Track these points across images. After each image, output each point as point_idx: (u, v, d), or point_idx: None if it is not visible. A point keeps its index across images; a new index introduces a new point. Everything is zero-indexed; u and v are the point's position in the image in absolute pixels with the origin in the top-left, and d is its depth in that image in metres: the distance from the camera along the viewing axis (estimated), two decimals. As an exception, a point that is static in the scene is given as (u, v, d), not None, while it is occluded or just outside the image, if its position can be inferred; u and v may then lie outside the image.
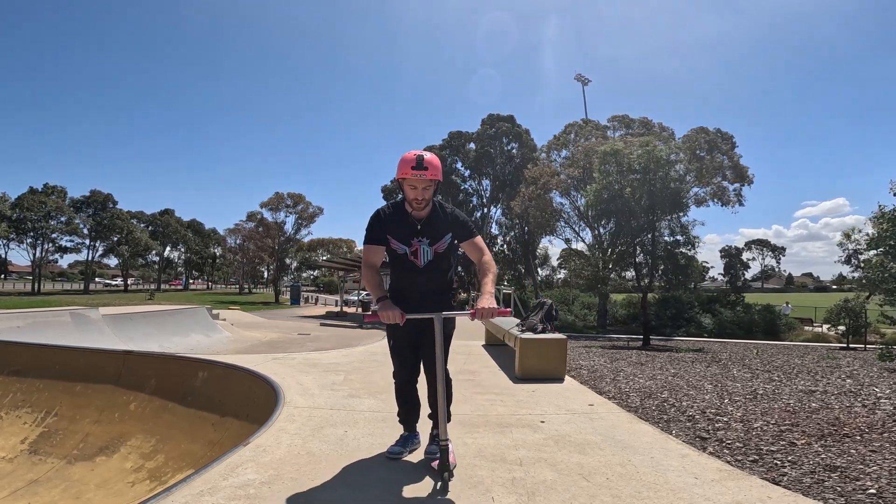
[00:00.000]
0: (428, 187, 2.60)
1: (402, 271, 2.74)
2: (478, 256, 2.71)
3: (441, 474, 2.39)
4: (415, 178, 2.55)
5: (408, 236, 2.69)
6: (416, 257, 2.69)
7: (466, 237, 2.74)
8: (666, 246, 14.84)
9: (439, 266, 2.76)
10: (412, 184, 2.58)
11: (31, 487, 3.86)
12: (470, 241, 2.74)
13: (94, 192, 56.92)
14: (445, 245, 2.74)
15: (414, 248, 2.69)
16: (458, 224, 2.74)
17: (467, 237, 2.74)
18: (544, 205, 27.80)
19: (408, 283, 2.74)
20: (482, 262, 2.69)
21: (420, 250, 2.70)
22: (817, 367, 7.80)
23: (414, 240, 2.69)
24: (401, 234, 2.69)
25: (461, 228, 2.74)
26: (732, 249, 32.57)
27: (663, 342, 15.61)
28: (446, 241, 2.75)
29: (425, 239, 2.69)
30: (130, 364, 5.39)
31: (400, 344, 2.77)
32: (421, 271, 2.70)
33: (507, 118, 37.67)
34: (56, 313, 10.32)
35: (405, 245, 2.69)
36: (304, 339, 14.71)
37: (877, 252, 8.83)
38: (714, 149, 26.85)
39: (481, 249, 2.72)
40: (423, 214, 2.70)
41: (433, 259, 2.72)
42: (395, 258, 2.73)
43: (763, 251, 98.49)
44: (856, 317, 13.74)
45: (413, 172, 2.54)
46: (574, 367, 7.14)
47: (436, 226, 2.71)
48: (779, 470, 2.97)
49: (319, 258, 61.61)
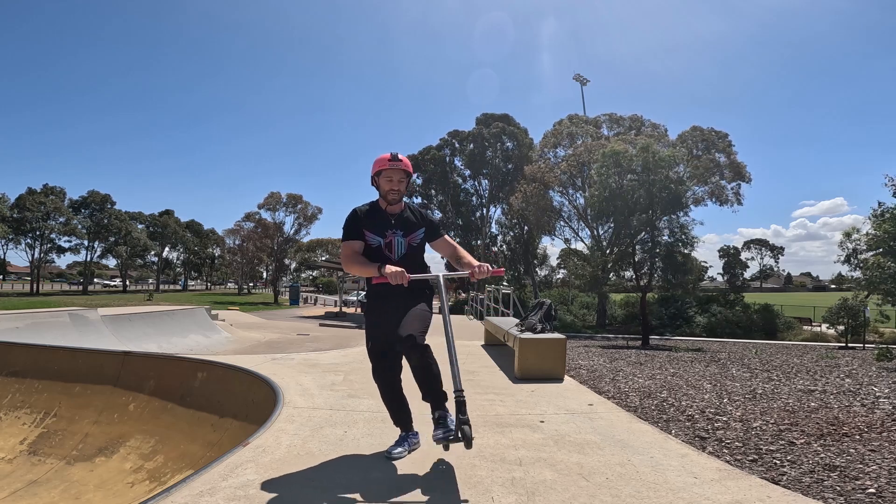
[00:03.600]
0: (402, 180, 2.81)
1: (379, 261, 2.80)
2: (450, 250, 2.92)
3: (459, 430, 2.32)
4: (391, 170, 2.76)
5: (382, 229, 2.83)
6: (390, 250, 2.82)
7: (436, 236, 2.96)
8: (665, 245, 14.86)
9: (414, 259, 2.87)
10: (389, 175, 2.78)
11: (30, 488, 3.85)
12: (441, 239, 2.96)
13: (92, 193, 56.85)
14: (418, 239, 2.89)
15: (388, 239, 2.82)
16: (428, 222, 2.95)
17: (437, 236, 2.96)
18: (543, 203, 27.82)
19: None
20: (457, 250, 2.89)
21: (394, 241, 2.83)
22: (816, 367, 7.81)
23: (388, 231, 2.82)
24: (375, 227, 2.82)
25: (431, 226, 2.94)
26: (731, 249, 32.52)
27: (662, 342, 15.62)
28: (419, 235, 2.90)
29: (399, 231, 2.84)
30: (129, 365, 5.39)
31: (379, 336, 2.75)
32: (396, 263, 2.75)
33: (502, 117, 37.61)
34: (55, 314, 10.30)
35: (379, 237, 2.81)
36: (303, 339, 14.70)
37: (875, 252, 8.85)
38: (710, 147, 26.89)
39: (452, 244, 2.94)
40: (397, 210, 2.87)
41: (407, 252, 2.84)
42: (370, 253, 2.83)
43: (762, 251, 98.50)
44: (854, 316, 13.78)
45: (390, 164, 2.76)
46: (573, 367, 7.14)
47: (408, 220, 2.88)
48: (778, 469, 2.98)
49: (318, 259, 61.54)
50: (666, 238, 15.06)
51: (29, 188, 51.87)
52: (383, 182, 2.81)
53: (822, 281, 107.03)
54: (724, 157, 26.82)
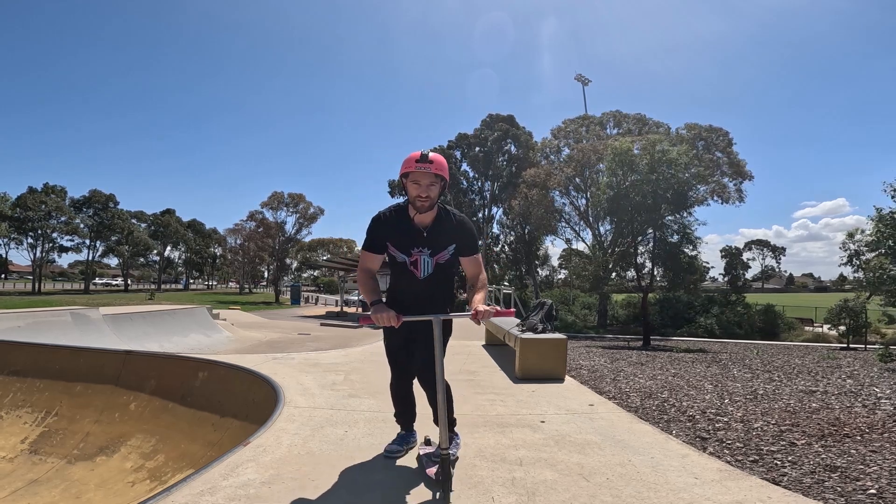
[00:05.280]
0: (433, 184, 2.43)
1: (401, 277, 2.63)
2: (475, 272, 2.59)
3: (442, 485, 2.23)
4: (419, 172, 2.39)
5: (408, 245, 2.54)
6: (415, 268, 2.56)
7: (467, 253, 2.61)
8: (669, 244, 14.85)
9: (444, 275, 2.64)
10: (416, 178, 2.41)
11: (31, 487, 3.86)
12: (471, 258, 2.61)
13: (93, 192, 56.95)
14: (447, 256, 2.59)
15: (414, 258, 2.55)
16: (465, 236, 2.59)
17: (468, 254, 2.61)
18: (545, 204, 27.81)
19: (406, 287, 2.64)
20: (479, 280, 2.55)
21: (420, 261, 2.55)
22: (818, 368, 7.79)
23: (414, 249, 2.54)
24: (401, 242, 2.55)
25: (467, 241, 2.60)
26: (733, 249, 32.47)
27: (663, 342, 15.62)
28: (449, 253, 2.59)
29: (426, 249, 2.54)
30: (130, 364, 5.39)
31: (394, 345, 2.71)
32: (420, 281, 2.58)
33: (507, 118, 37.61)
34: (56, 313, 10.33)
35: (405, 255, 2.55)
36: (304, 338, 14.71)
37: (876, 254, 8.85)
38: (711, 145, 26.87)
39: (480, 266, 2.61)
40: (428, 220, 2.53)
41: (434, 271, 2.59)
42: (394, 264, 2.62)
43: (763, 251, 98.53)
44: (856, 317, 13.75)
45: (417, 165, 2.38)
46: (574, 367, 7.14)
47: (440, 235, 2.55)
48: (779, 470, 2.97)
49: (320, 258, 61.62)
50: (670, 238, 15.06)
51: (30, 187, 52.03)
52: (410, 187, 2.44)
53: (824, 282, 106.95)
54: (724, 156, 26.83)
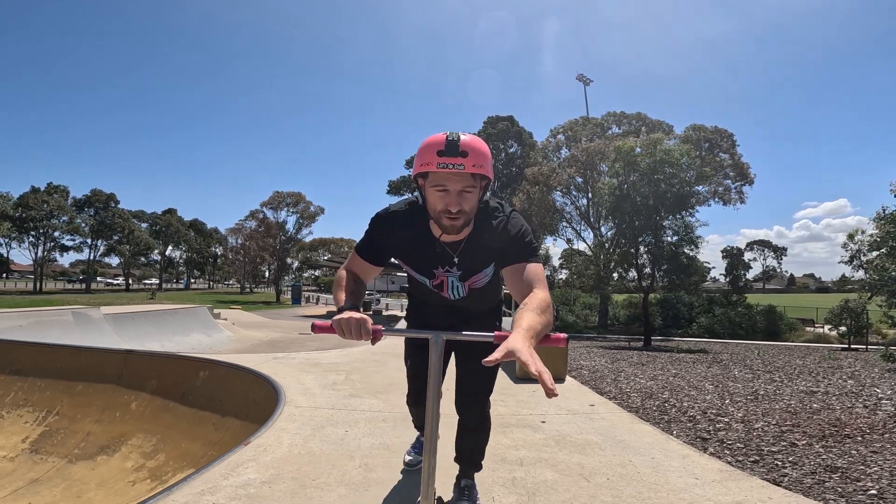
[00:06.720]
0: (469, 190, 1.50)
1: (422, 287, 1.90)
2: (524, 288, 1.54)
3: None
4: (445, 173, 1.45)
5: (428, 265, 1.78)
6: (441, 290, 1.85)
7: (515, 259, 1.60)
8: (669, 245, 14.86)
9: (481, 297, 1.94)
10: (440, 183, 1.48)
11: (31, 486, 3.86)
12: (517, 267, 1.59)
13: (95, 192, 57.04)
14: (485, 279, 1.83)
15: (438, 280, 1.81)
16: (512, 243, 1.62)
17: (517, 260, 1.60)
18: (546, 203, 27.82)
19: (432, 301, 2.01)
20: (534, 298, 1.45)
21: (448, 283, 1.81)
22: (818, 368, 7.78)
23: (438, 270, 1.78)
24: (418, 261, 1.79)
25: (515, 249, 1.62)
26: (734, 250, 32.52)
27: (664, 343, 15.61)
28: (486, 276, 1.81)
29: (455, 270, 1.77)
30: (131, 363, 5.40)
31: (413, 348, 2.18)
32: (451, 304, 1.92)
33: (507, 118, 37.71)
34: (58, 312, 10.33)
35: (424, 276, 1.82)
36: (304, 338, 14.72)
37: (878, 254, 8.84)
38: (714, 147, 26.87)
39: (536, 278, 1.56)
40: (459, 238, 1.67)
41: (468, 294, 1.87)
42: (412, 279, 1.92)
43: (765, 252, 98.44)
44: (857, 317, 13.74)
45: (440, 160, 1.43)
46: (575, 368, 7.13)
47: (475, 252, 1.71)
48: (780, 471, 2.97)
49: (320, 258, 61.64)
50: (671, 238, 15.08)
51: (32, 186, 52.13)
52: (431, 194, 1.52)
53: (825, 282, 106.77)
54: (728, 157, 26.82)
